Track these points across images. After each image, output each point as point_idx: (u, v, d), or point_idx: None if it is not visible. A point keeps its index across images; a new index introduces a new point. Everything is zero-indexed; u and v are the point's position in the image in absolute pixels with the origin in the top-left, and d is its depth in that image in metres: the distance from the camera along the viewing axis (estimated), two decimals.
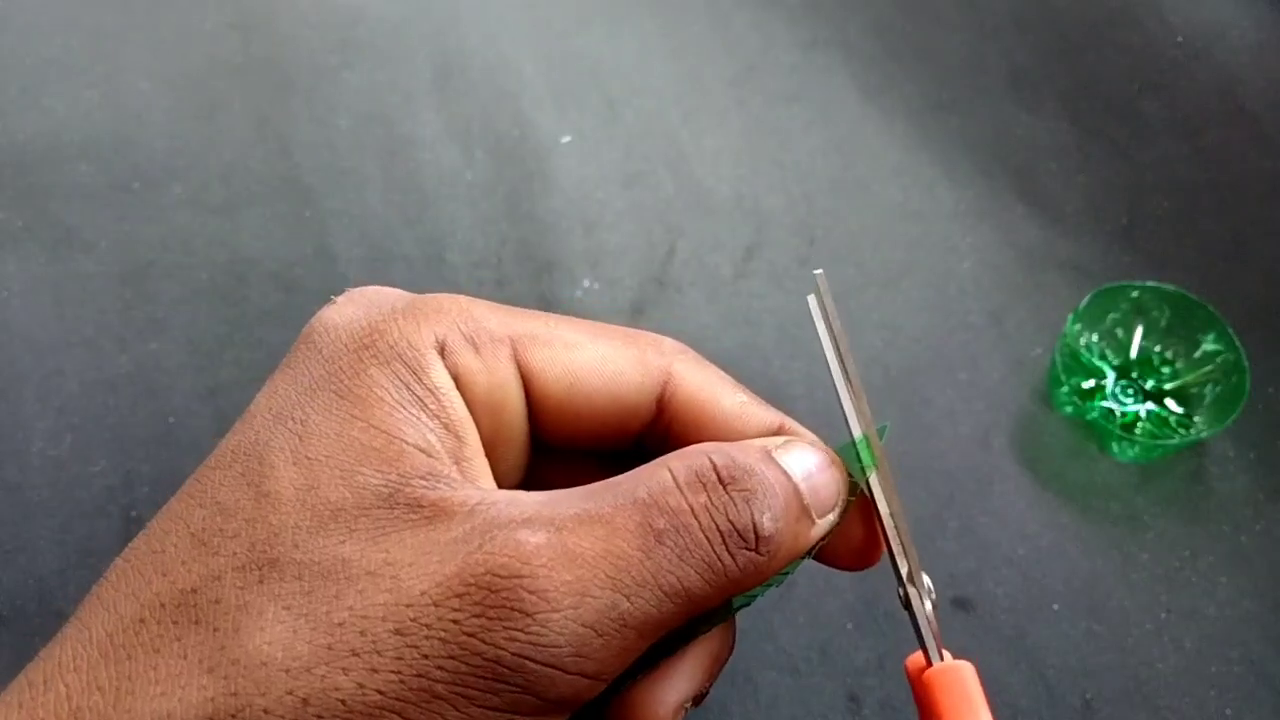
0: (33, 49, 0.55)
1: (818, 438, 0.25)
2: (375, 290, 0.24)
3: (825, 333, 0.25)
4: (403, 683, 0.19)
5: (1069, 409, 0.45)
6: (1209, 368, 0.46)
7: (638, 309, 0.49)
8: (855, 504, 0.24)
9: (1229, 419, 0.43)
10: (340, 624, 0.19)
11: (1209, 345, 0.46)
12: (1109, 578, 0.43)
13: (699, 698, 0.24)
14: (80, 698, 0.19)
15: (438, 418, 0.22)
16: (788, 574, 0.24)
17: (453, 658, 0.19)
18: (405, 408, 0.21)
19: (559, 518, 0.20)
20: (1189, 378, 0.46)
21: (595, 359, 0.24)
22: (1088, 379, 0.47)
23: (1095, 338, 0.47)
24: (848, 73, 0.57)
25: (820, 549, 0.24)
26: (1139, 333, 0.47)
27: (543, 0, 0.59)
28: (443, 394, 0.22)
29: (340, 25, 0.57)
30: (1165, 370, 0.47)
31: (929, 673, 0.24)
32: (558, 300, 0.49)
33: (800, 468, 0.23)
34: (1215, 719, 0.40)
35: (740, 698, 0.40)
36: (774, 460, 0.22)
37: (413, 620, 0.19)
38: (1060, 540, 0.44)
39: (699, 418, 0.24)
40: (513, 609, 0.19)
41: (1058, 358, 0.45)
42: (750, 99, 0.56)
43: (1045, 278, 0.50)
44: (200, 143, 0.53)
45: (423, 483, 0.20)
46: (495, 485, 0.22)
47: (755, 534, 0.21)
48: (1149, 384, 0.47)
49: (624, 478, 0.21)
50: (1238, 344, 0.45)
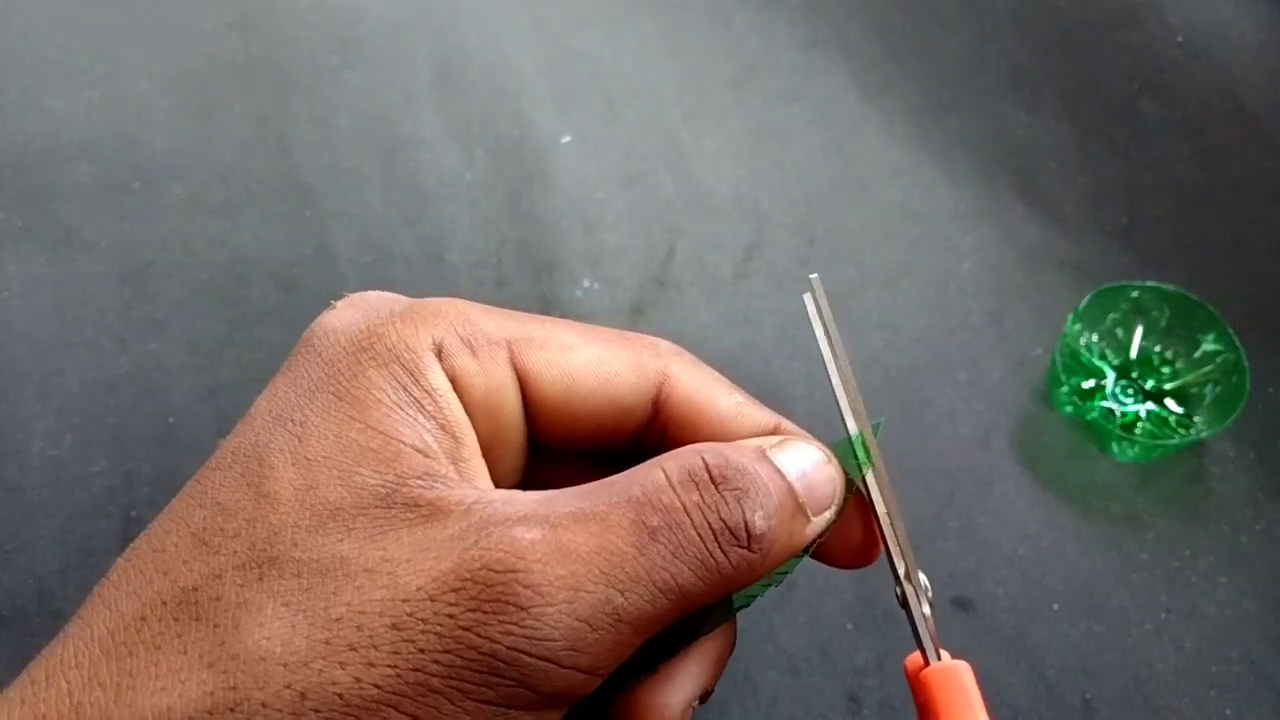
0: (33, 49, 0.55)
1: (813, 438, 0.25)
2: (374, 295, 0.24)
3: (821, 333, 0.25)
4: (399, 677, 0.19)
5: (1069, 409, 0.45)
6: (1209, 368, 0.46)
7: (638, 309, 0.49)
8: (852, 502, 0.24)
9: (1229, 419, 0.43)
10: (338, 619, 0.19)
11: (1209, 345, 0.46)
12: (1109, 578, 0.43)
13: (705, 696, 0.24)
14: (81, 693, 0.19)
15: (435, 419, 0.22)
16: (787, 573, 0.24)
17: (448, 652, 0.19)
18: (403, 409, 0.22)
19: (554, 515, 0.20)
20: (1189, 378, 0.46)
21: (591, 360, 0.24)
22: (1088, 379, 0.47)
23: (1095, 338, 0.47)
24: (848, 73, 0.57)
25: (818, 547, 0.24)
26: (1139, 333, 0.47)
27: (543, 0, 0.59)
28: (440, 396, 0.22)
29: (340, 25, 0.57)
30: (1165, 370, 0.47)
31: (926, 672, 0.24)
32: (558, 300, 0.49)
33: (795, 466, 0.23)
34: (1215, 719, 0.40)
35: (740, 698, 0.40)
36: (768, 459, 0.22)
37: (409, 615, 0.19)
38: (1060, 540, 0.44)
39: (695, 419, 0.25)
40: (508, 603, 0.19)
41: (1058, 358, 0.45)
42: (750, 99, 0.56)
43: (1045, 278, 0.50)
44: (200, 143, 0.53)
45: (419, 482, 0.21)
46: (492, 485, 0.23)
47: (747, 531, 0.21)
48: (1149, 384, 0.47)
49: (619, 477, 0.21)
50: (1238, 344, 0.45)
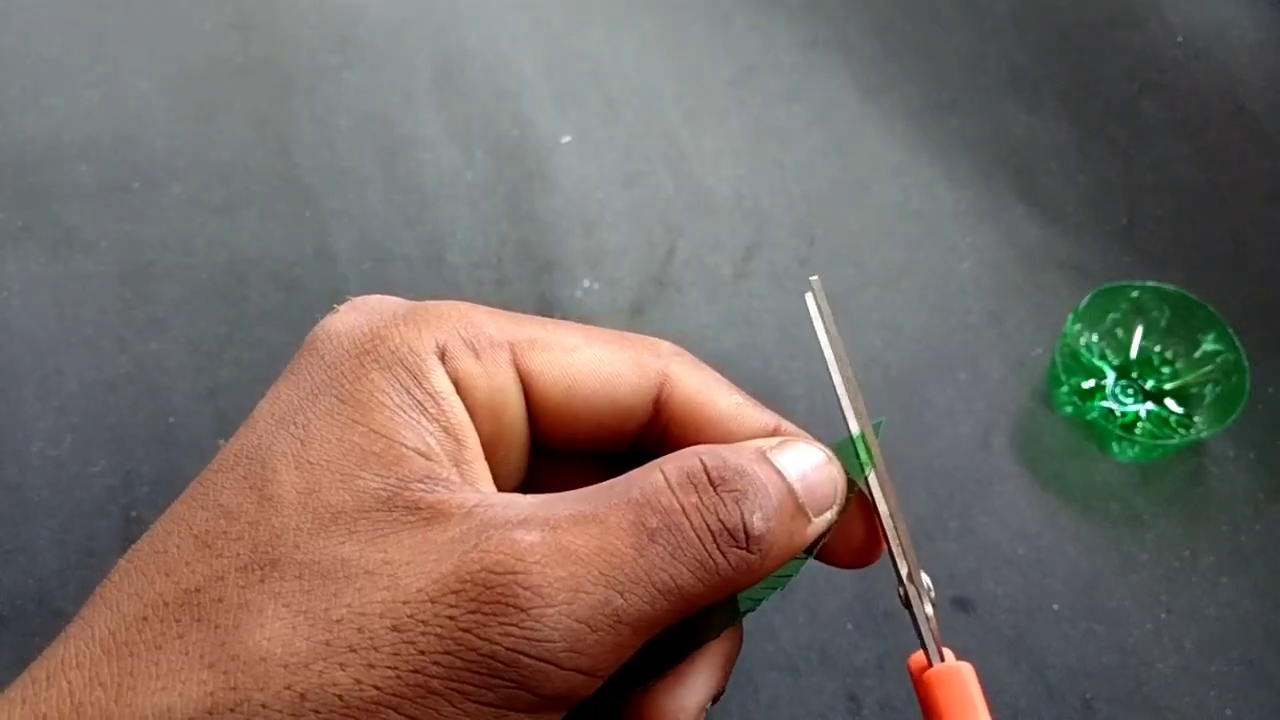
0: (33, 49, 0.55)
1: (813, 438, 0.25)
2: (377, 299, 0.24)
3: (823, 333, 0.25)
4: (399, 678, 0.19)
5: (1069, 409, 0.45)
6: (1209, 368, 0.46)
7: (638, 309, 0.49)
8: (854, 502, 0.24)
9: (1229, 419, 0.43)
10: (338, 621, 0.19)
11: (1209, 345, 0.46)
12: (1109, 578, 0.43)
13: (716, 697, 0.24)
14: (82, 693, 0.19)
15: (437, 421, 0.22)
16: (791, 575, 0.24)
17: (448, 653, 0.19)
18: (406, 412, 0.22)
19: (554, 518, 0.20)
20: (1189, 378, 0.46)
21: (593, 361, 0.24)
22: (1088, 379, 0.47)
23: (1095, 338, 0.47)
24: (848, 73, 0.57)
25: (821, 548, 0.24)
26: (1139, 333, 0.47)
27: (543, 0, 0.59)
28: (443, 398, 0.22)
29: (340, 25, 0.57)
30: (1165, 370, 0.47)
31: (929, 673, 0.24)
32: (558, 300, 0.49)
33: (795, 467, 0.23)
34: (1215, 719, 0.40)
35: (740, 698, 0.40)
36: (768, 460, 0.22)
37: (409, 617, 0.19)
38: (1060, 540, 0.44)
39: (695, 419, 0.25)
40: (507, 604, 0.19)
41: (1058, 358, 0.45)
42: (750, 99, 0.56)
43: (1045, 278, 0.50)
44: (200, 143, 0.53)
45: (421, 486, 0.21)
46: (495, 488, 0.23)
47: (746, 533, 0.21)
48: (1149, 384, 0.47)
49: (618, 480, 0.21)
50: (1238, 344, 0.45)
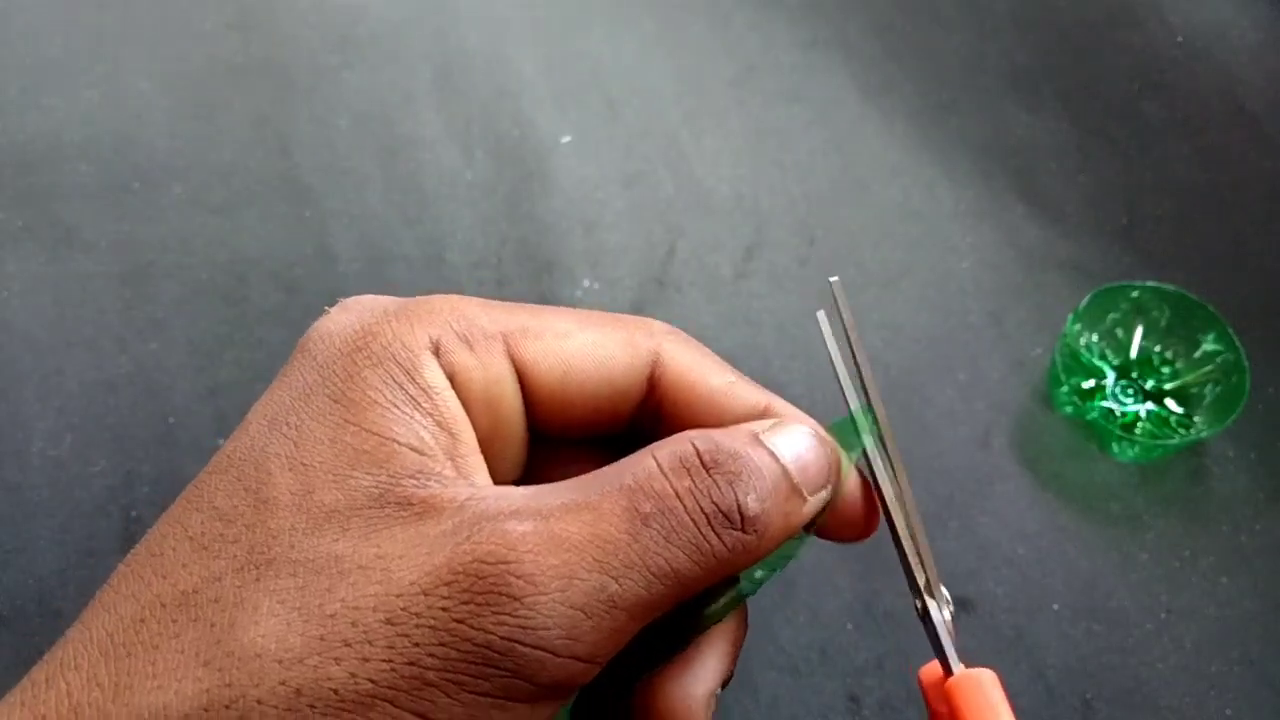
0: (33, 49, 0.55)
1: (808, 416, 0.25)
2: (369, 298, 0.25)
3: (837, 348, 0.25)
4: (394, 671, 0.19)
5: (1069, 409, 0.45)
6: (1209, 368, 0.46)
7: (637, 309, 0.49)
8: (852, 477, 0.24)
9: (1229, 419, 0.43)
10: (332, 615, 0.19)
11: (1209, 345, 0.46)
12: (1109, 578, 0.43)
13: (725, 683, 0.24)
14: (80, 694, 0.19)
15: (431, 416, 0.22)
16: (792, 556, 0.24)
17: (443, 644, 0.19)
18: (398, 408, 0.22)
19: (546, 507, 0.20)
20: (1189, 378, 0.46)
21: (587, 346, 0.24)
22: (1088, 379, 0.47)
23: (1095, 338, 0.47)
24: (848, 73, 0.57)
25: (819, 524, 0.24)
26: (1139, 333, 0.47)
27: (543, 0, 0.59)
28: (436, 393, 0.22)
29: (340, 25, 0.57)
30: (1165, 370, 0.47)
31: (952, 682, 0.24)
32: (558, 300, 0.49)
33: (789, 449, 0.23)
34: (1215, 719, 0.40)
35: (740, 698, 0.40)
36: (761, 442, 0.22)
37: (403, 610, 0.19)
38: (1060, 540, 0.44)
39: (687, 397, 0.25)
40: (500, 594, 0.19)
41: (1058, 358, 0.45)
42: (750, 99, 0.56)
43: (1045, 278, 0.50)
44: (200, 143, 0.53)
45: (413, 481, 0.21)
46: (491, 481, 0.23)
47: (740, 514, 0.21)
48: (1149, 384, 0.47)
49: (610, 468, 0.22)
50: (1238, 344, 0.45)
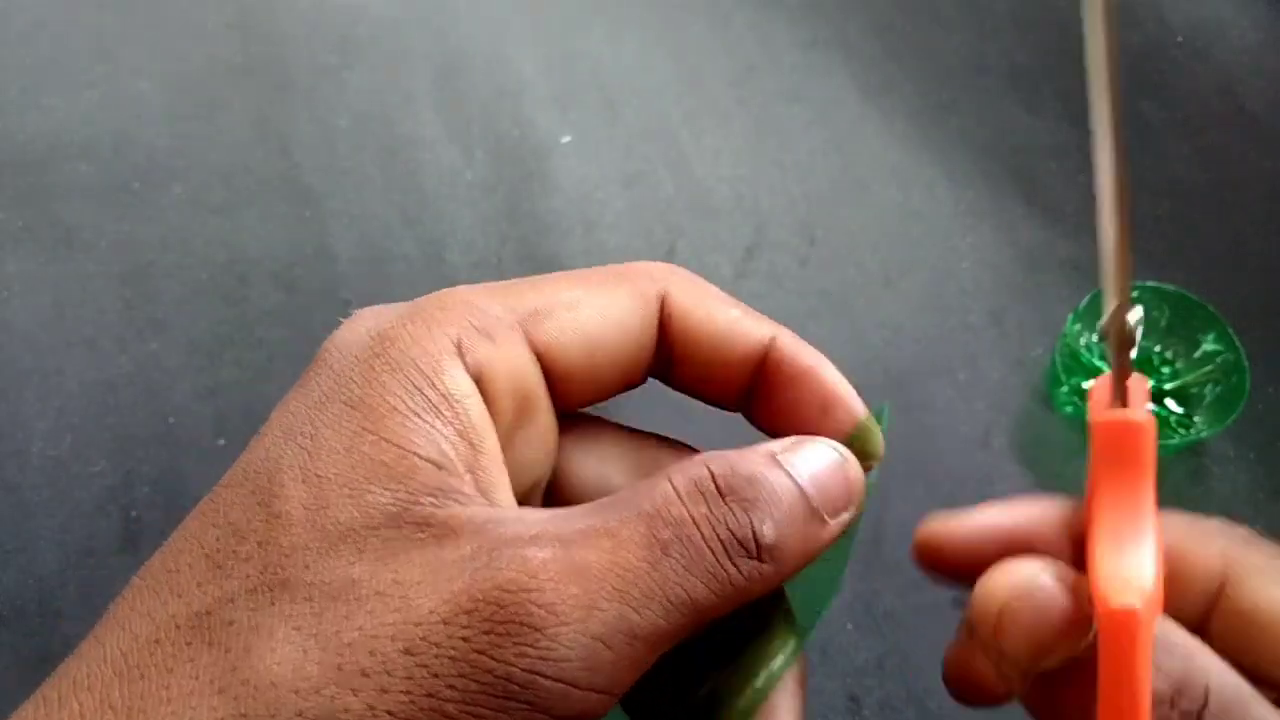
0: (33, 49, 0.55)
1: (815, 349, 0.24)
2: (384, 306, 0.24)
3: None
4: (413, 703, 0.18)
5: (1069, 409, 0.45)
6: (1209, 368, 0.46)
7: None
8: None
9: (1229, 419, 0.43)
10: (350, 644, 0.19)
11: (1209, 345, 0.46)
12: None
13: None
14: (93, 716, 0.19)
15: (452, 425, 0.21)
16: (840, 573, 0.23)
17: (463, 676, 0.18)
18: (418, 416, 0.21)
19: (565, 533, 0.20)
20: (1189, 378, 0.46)
21: (599, 312, 0.24)
22: (1088, 379, 0.47)
23: (1095, 338, 0.47)
24: (848, 73, 0.57)
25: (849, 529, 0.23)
26: (1139, 333, 0.47)
27: (543, 0, 0.59)
28: (456, 400, 0.21)
29: (340, 25, 0.57)
30: (1165, 370, 0.47)
31: (1102, 422, 0.22)
32: None
33: (807, 469, 0.22)
34: None
35: None
36: (778, 464, 0.22)
37: (422, 639, 0.19)
38: None
39: (695, 336, 0.24)
40: (521, 624, 0.19)
41: (1058, 358, 0.45)
42: (750, 99, 0.56)
43: (1045, 278, 0.50)
44: (200, 143, 0.53)
45: (432, 500, 0.20)
46: (511, 495, 0.22)
47: (756, 543, 0.20)
48: (1149, 384, 0.47)
49: (628, 491, 0.21)
50: (1238, 344, 0.45)
